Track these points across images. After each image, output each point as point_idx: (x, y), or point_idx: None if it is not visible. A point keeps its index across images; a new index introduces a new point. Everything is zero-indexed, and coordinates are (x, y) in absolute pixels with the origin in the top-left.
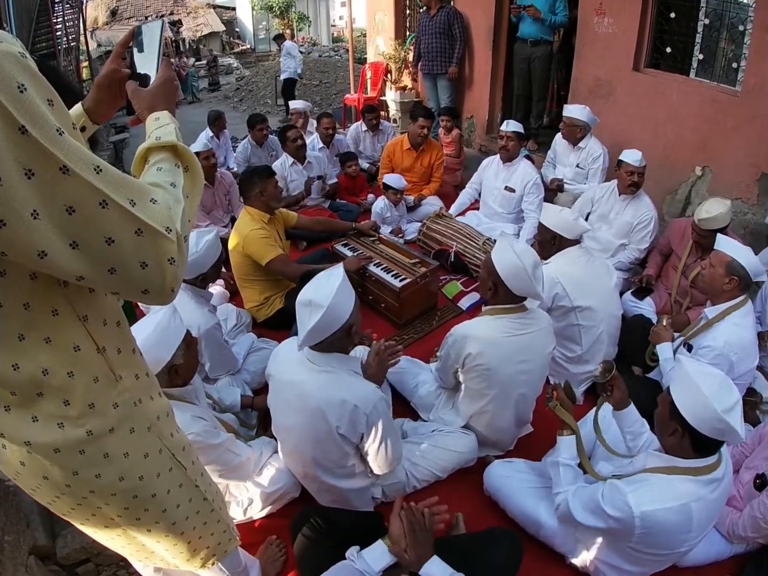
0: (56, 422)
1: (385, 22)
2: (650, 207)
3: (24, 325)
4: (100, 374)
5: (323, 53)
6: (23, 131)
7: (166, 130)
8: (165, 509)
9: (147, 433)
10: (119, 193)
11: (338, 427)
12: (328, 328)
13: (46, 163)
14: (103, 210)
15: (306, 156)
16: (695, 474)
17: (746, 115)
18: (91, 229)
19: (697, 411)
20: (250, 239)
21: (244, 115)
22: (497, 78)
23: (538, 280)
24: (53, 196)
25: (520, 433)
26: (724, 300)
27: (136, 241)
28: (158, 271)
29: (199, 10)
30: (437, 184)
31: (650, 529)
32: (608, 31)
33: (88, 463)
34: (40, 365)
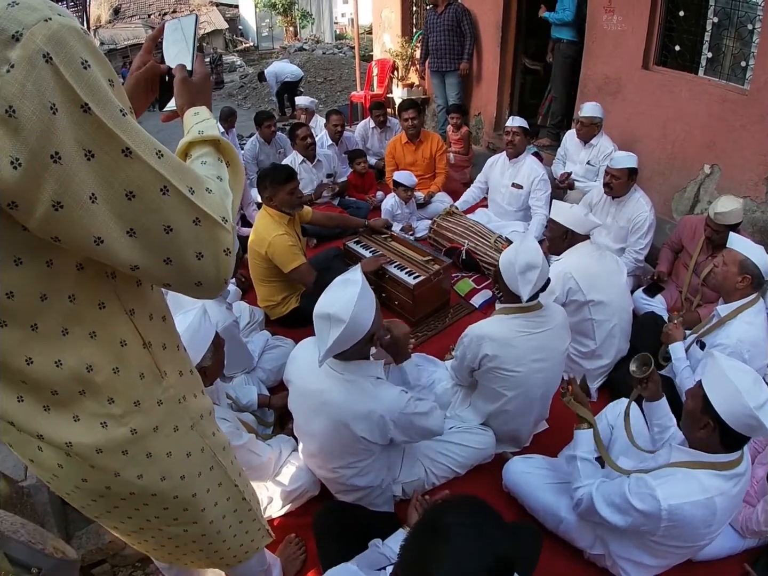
0: (99, 421)
1: (391, 19)
2: (645, 207)
3: (68, 318)
4: (145, 370)
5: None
6: (86, 109)
7: (208, 124)
8: (204, 508)
9: (190, 432)
10: (179, 180)
11: (364, 437)
12: (350, 341)
13: (108, 144)
14: (164, 197)
15: (316, 154)
16: (720, 469)
17: (755, 113)
18: (150, 216)
19: (730, 406)
20: (277, 246)
21: (249, 113)
22: (505, 75)
23: (528, 281)
24: (113, 179)
25: (536, 430)
26: (736, 298)
27: (194, 231)
28: (213, 262)
29: (202, 8)
30: (443, 177)
31: (676, 523)
32: (617, 29)
33: (131, 464)
34: (84, 361)
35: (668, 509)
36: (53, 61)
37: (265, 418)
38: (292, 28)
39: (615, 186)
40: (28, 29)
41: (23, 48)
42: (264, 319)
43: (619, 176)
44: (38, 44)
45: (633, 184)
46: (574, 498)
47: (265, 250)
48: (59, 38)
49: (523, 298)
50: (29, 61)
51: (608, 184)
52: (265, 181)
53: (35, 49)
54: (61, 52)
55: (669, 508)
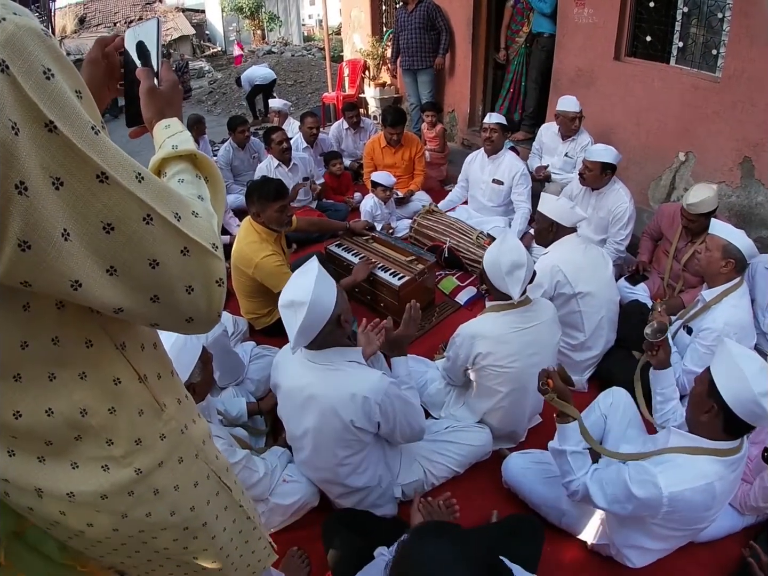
0: (100, 465)
1: (361, 18)
2: (624, 198)
3: (54, 362)
4: (144, 406)
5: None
6: (51, 128)
7: (182, 137)
8: (214, 536)
9: (195, 461)
10: (164, 206)
11: (353, 420)
12: (317, 324)
13: (79, 169)
14: (147, 227)
15: (291, 158)
16: (721, 455)
17: (727, 100)
18: (132, 251)
19: (735, 391)
20: (264, 268)
21: (220, 118)
22: (478, 71)
23: (516, 280)
24: (87, 211)
25: (531, 424)
26: (720, 282)
27: (182, 262)
28: (205, 295)
29: (168, 14)
30: (421, 177)
31: (676, 508)
32: (588, 22)
33: (138, 503)
34: (76, 405)
35: (669, 496)
36: (9, 70)
37: (256, 426)
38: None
39: (588, 177)
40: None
41: None
42: (248, 329)
43: (592, 168)
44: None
45: (608, 178)
46: (569, 489)
47: (251, 272)
48: (16, 43)
49: (515, 297)
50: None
51: (582, 174)
52: (253, 196)
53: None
54: (18, 60)
55: (670, 495)
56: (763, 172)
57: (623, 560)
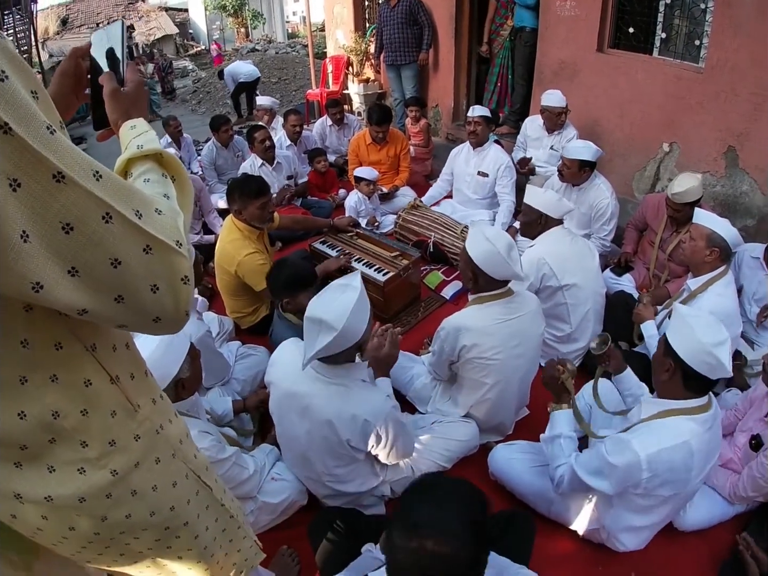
0: (76, 468)
1: (343, 14)
2: (605, 193)
3: (24, 366)
4: (117, 407)
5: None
6: (6, 130)
7: (147, 137)
8: (197, 535)
9: (173, 461)
10: (124, 204)
11: (349, 440)
12: (338, 349)
13: (35, 169)
14: (107, 225)
15: (275, 156)
16: (690, 413)
17: (710, 90)
18: (93, 251)
19: (686, 345)
20: (247, 266)
21: (204, 118)
22: (461, 65)
23: (515, 261)
24: (46, 211)
25: (518, 417)
26: (706, 271)
27: (145, 261)
28: (171, 294)
29: (151, 13)
30: (406, 173)
31: (656, 471)
32: (571, 14)
33: (117, 505)
34: (48, 408)
35: (646, 458)
36: None
37: (243, 426)
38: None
39: (566, 174)
40: None
41: None
42: (234, 328)
43: (570, 166)
44: None
45: (587, 175)
46: (555, 477)
47: (234, 270)
48: None
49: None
50: None
51: (560, 171)
52: (234, 194)
53: None
54: None
55: (647, 458)
56: (747, 162)
57: (615, 544)
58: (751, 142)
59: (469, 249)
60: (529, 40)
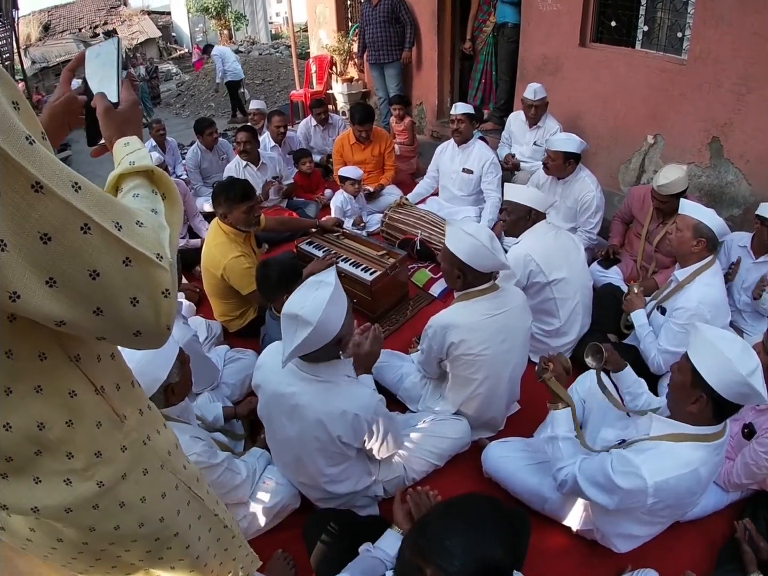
0: (62, 479)
1: (326, 14)
2: (590, 186)
3: (9, 376)
4: (102, 417)
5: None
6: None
7: (139, 154)
8: (188, 545)
9: (161, 472)
10: (103, 215)
11: (340, 436)
12: (316, 344)
13: (13, 179)
14: (85, 236)
15: (260, 157)
16: (704, 440)
17: (693, 82)
18: (71, 261)
19: (722, 377)
20: (233, 269)
21: (188, 121)
22: (444, 62)
23: (498, 251)
24: (24, 221)
25: (509, 412)
26: (693, 262)
27: (124, 273)
28: (151, 307)
29: (133, 17)
30: (392, 172)
31: (661, 498)
32: (553, 9)
33: (105, 517)
34: (33, 419)
35: (654, 486)
36: None
37: (234, 431)
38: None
39: (551, 167)
40: None
41: None
42: (222, 332)
43: (555, 158)
44: None
45: (572, 167)
46: (558, 479)
47: (221, 273)
48: None
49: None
50: None
51: (545, 164)
52: (220, 198)
53: None
54: None
55: (655, 485)
56: (732, 152)
57: (609, 545)
58: (735, 132)
59: (452, 247)
60: (511, 36)
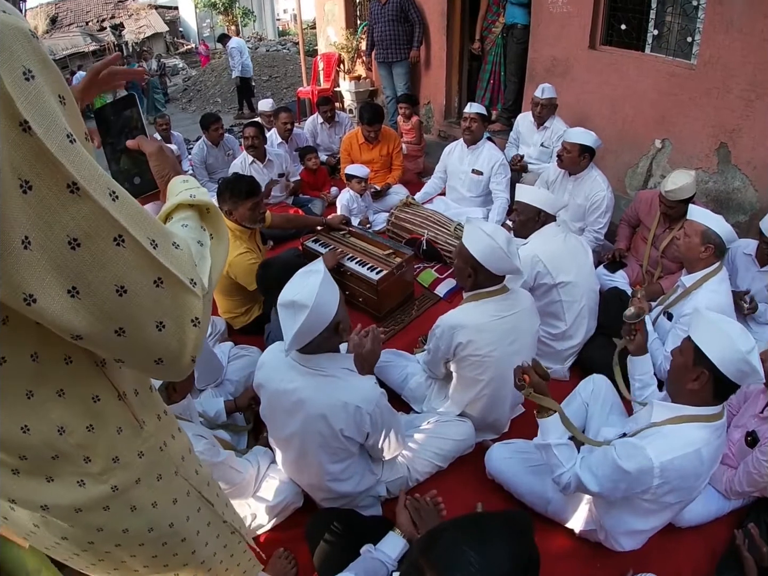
0: (75, 480)
1: (335, 11)
2: (602, 185)
3: (32, 379)
4: (123, 423)
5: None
6: (26, 128)
7: (200, 191)
8: (194, 550)
9: (174, 478)
10: (138, 230)
11: (342, 429)
12: (316, 328)
13: (49, 175)
14: (117, 248)
15: (267, 154)
16: (705, 420)
17: (702, 87)
18: (98, 272)
19: (724, 353)
20: (238, 266)
21: (194, 116)
22: (453, 62)
23: (514, 255)
24: (53, 220)
25: (513, 415)
26: (700, 268)
27: (154, 294)
28: (178, 335)
29: (140, 11)
30: (399, 172)
31: (667, 478)
32: (563, 11)
33: (114, 519)
34: (54, 424)
35: (660, 466)
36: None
37: (236, 423)
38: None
39: (565, 159)
40: None
41: None
42: (226, 329)
43: (570, 150)
44: None
45: (586, 162)
46: (561, 483)
47: (226, 270)
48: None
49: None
50: None
51: (560, 156)
52: (225, 194)
53: None
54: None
55: (661, 465)
56: (739, 158)
57: (612, 545)
58: (743, 138)
59: (468, 245)
60: (521, 37)
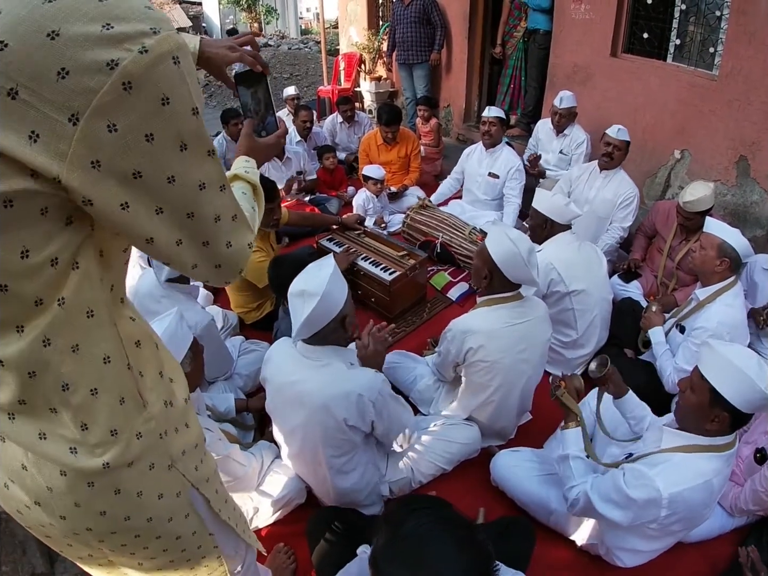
0: (68, 446)
1: (357, 12)
2: (632, 186)
3: (53, 326)
4: (127, 395)
5: (292, 46)
6: (195, 113)
7: (255, 171)
8: (166, 549)
9: (167, 472)
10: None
11: (346, 419)
12: (324, 318)
13: (199, 144)
14: (220, 193)
15: (285, 151)
16: (717, 450)
17: (724, 98)
18: (209, 206)
19: (745, 395)
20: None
21: (215, 111)
22: (474, 66)
23: (533, 265)
24: (194, 174)
25: (520, 422)
26: (715, 281)
27: (232, 224)
28: (238, 251)
29: (164, 6)
30: (416, 174)
31: (675, 510)
32: (585, 18)
33: (95, 498)
34: (60, 378)
35: (669, 498)
36: (180, 65)
37: (244, 421)
38: (257, 24)
39: (616, 156)
40: (165, 31)
41: (159, 43)
42: (238, 323)
43: (621, 147)
44: (171, 46)
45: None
46: (569, 498)
47: None
48: (184, 50)
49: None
50: (161, 55)
51: (610, 154)
52: None
53: (168, 49)
54: (185, 61)
55: (670, 497)
56: (758, 171)
57: (613, 560)
58: (763, 152)
59: (490, 248)
60: (542, 43)
